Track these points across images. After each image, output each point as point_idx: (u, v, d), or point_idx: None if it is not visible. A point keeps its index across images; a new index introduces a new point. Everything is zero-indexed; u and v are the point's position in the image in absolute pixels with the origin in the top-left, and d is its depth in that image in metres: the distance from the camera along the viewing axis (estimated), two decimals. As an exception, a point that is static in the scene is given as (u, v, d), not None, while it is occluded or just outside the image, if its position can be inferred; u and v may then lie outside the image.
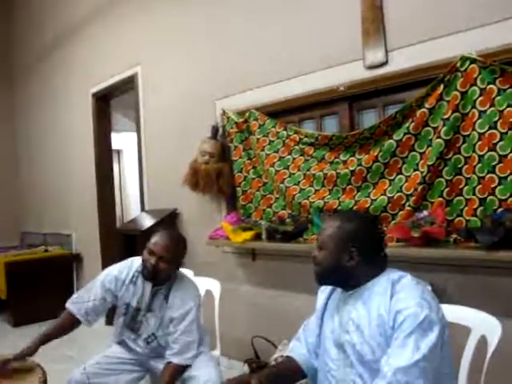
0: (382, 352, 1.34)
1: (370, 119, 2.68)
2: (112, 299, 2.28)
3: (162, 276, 2.16)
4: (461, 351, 1.65)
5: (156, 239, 2.16)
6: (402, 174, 2.43)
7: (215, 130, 3.37)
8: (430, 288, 2.20)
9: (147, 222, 3.90)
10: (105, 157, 5.03)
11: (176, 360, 2.11)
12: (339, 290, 1.57)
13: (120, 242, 4.02)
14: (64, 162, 5.65)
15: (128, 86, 4.47)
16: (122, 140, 6.67)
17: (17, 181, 6.74)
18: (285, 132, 2.96)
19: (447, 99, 2.23)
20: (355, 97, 2.69)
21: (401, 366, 1.26)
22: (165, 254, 2.11)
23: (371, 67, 2.53)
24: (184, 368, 2.12)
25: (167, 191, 3.96)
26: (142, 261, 2.17)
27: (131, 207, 6.94)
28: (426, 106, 2.30)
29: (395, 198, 2.42)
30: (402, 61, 2.40)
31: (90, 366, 2.25)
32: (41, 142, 6.14)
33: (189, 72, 3.76)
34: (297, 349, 1.69)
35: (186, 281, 2.30)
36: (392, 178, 2.47)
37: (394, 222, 2.43)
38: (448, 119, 2.21)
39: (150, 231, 3.74)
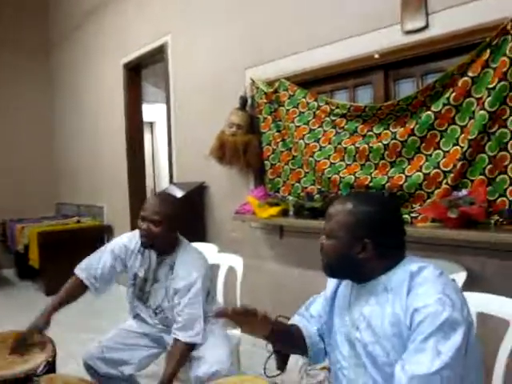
0: (397, 355, 1.18)
1: (406, 89, 2.48)
2: (122, 268, 2.23)
3: (159, 242, 2.07)
4: (497, 347, 1.50)
5: (145, 204, 2.09)
6: (439, 148, 2.24)
7: (244, 100, 3.23)
8: (464, 275, 2.05)
9: (173, 195, 3.82)
10: (136, 128, 4.97)
11: (181, 336, 2.02)
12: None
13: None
14: (96, 134, 5.64)
15: (158, 56, 4.36)
16: (155, 112, 6.60)
17: (53, 151, 6.81)
18: (315, 103, 2.80)
19: (494, 66, 2.01)
20: (391, 65, 2.49)
21: (418, 374, 1.09)
22: (155, 216, 2.02)
23: (410, 32, 2.31)
24: (191, 347, 2.04)
25: (196, 164, 3.87)
26: (138, 230, 2.11)
27: (164, 180, 6.91)
28: (470, 74, 2.09)
29: (432, 174, 2.24)
30: (444, 24, 2.18)
31: (106, 339, 2.21)
32: (76, 112, 6.14)
33: (218, 41, 3.61)
34: (301, 322, 1.53)
35: (192, 251, 2.20)
36: (429, 153, 2.28)
37: (429, 200, 2.26)
38: (494, 88, 1.99)
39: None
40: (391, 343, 1.20)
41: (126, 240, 2.24)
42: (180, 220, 2.14)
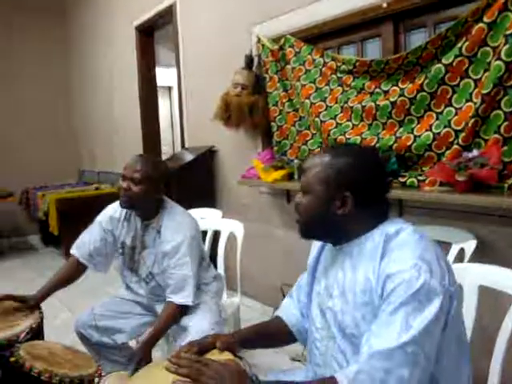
0: (367, 326, 1.04)
1: (418, 41, 2.25)
2: (113, 239, 2.15)
3: (139, 202, 1.96)
4: (500, 323, 1.35)
5: (127, 163, 1.99)
6: (451, 105, 2.04)
7: (249, 59, 3.06)
8: (473, 243, 1.88)
9: (183, 159, 3.73)
10: (150, 93, 4.86)
11: (174, 299, 1.94)
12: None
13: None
14: (112, 99, 5.56)
15: (168, 17, 4.19)
16: (172, 76, 6.45)
17: (73, 117, 6.78)
18: (321, 59, 2.61)
19: (512, 9, 1.79)
20: (401, 14, 2.28)
21: (380, 350, 0.96)
22: (135, 174, 1.92)
23: (420, -25, 2.09)
24: (183, 308, 1.96)
25: (206, 128, 3.73)
26: (118, 190, 2.01)
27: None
28: (485, 19, 1.86)
29: (442, 134, 2.05)
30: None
31: (99, 307, 2.16)
32: (92, 76, 6.07)
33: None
34: (287, 308, 1.42)
35: (178, 212, 2.08)
36: (439, 110, 2.09)
37: (439, 162, 2.07)
38: None
39: (185, 169, 3.60)
40: (361, 313, 1.07)
41: (112, 210, 2.16)
42: (162, 182, 2.03)
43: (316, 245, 1.36)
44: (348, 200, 1.12)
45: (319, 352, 1.22)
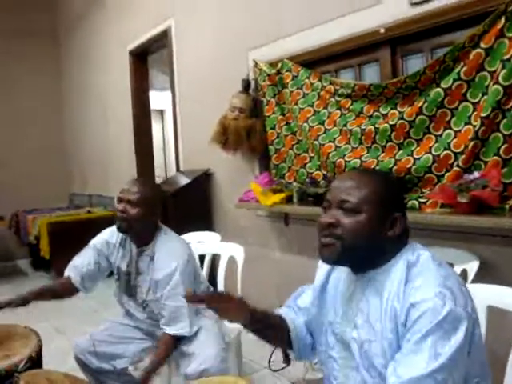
0: (393, 355, 1.03)
1: (415, 65, 2.30)
2: (107, 264, 2.14)
3: (136, 225, 1.95)
4: (509, 343, 1.35)
5: (123, 187, 1.99)
6: (450, 128, 2.07)
7: (246, 83, 3.09)
8: (476, 264, 1.89)
9: (179, 183, 3.73)
10: (143, 116, 4.87)
11: (169, 331, 1.91)
12: (344, 269, 1.23)
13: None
14: (106, 122, 5.57)
15: (162, 41, 4.23)
16: (165, 99, 6.50)
17: (64, 141, 6.76)
18: (319, 83, 2.65)
19: (509, 35, 1.83)
20: (398, 39, 2.32)
21: (410, 378, 0.95)
22: (132, 197, 1.92)
23: (416, 3, 2.14)
24: (179, 338, 1.93)
25: (202, 151, 3.74)
26: (115, 213, 2.02)
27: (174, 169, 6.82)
28: (482, 45, 1.91)
29: (442, 156, 2.07)
30: (454, -8, 2.01)
31: (98, 333, 2.12)
32: (85, 100, 6.08)
33: (221, 23, 3.47)
34: (288, 314, 1.38)
35: (172, 239, 2.07)
36: (439, 133, 2.11)
37: (439, 184, 2.09)
38: (509, 60, 1.81)
39: (181, 193, 3.59)
40: (388, 341, 1.06)
41: (107, 235, 2.14)
42: (158, 205, 2.03)
43: (323, 268, 1.33)
44: (398, 221, 1.11)
45: (337, 382, 1.20)
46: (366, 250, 1.12)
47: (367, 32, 2.36)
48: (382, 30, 2.29)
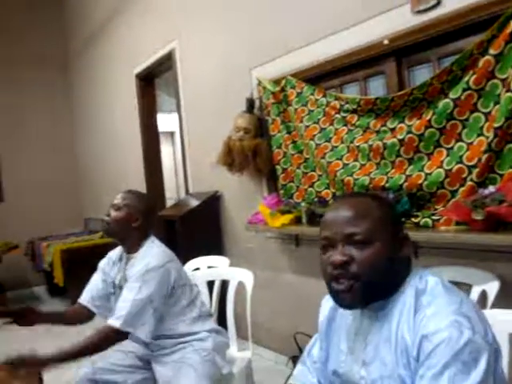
0: None
1: (423, 77, 2.20)
2: (111, 281, 2.11)
3: (116, 228, 2.00)
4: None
5: None
6: (462, 140, 1.96)
7: (250, 102, 3.02)
8: (496, 285, 1.76)
9: (188, 205, 3.65)
10: (151, 139, 4.83)
11: (109, 320, 1.85)
12: None
13: (162, 227, 3.81)
14: (116, 146, 5.55)
15: (168, 63, 4.21)
16: (174, 121, 6.47)
17: (77, 166, 6.78)
18: (324, 99, 2.56)
19: (519, 40, 1.73)
20: (403, 50, 2.22)
21: None
22: (115, 201, 2.03)
23: (420, 11, 2.04)
24: (113, 332, 1.81)
25: (209, 172, 3.68)
26: None
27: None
28: (492, 51, 1.80)
29: (454, 170, 1.96)
30: (459, -1, 1.91)
31: (101, 360, 2.04)
32: (95, 124, 6.09)
33: (223, 43, 3.42)
34: (304, 377, 1.25)
35: (156, 245, 2.05)
36: (450, 146, 2.00)
37: (453, 200, 1.97)
38: (520, 66, 1.71)
39: (190, 215, 3.52)
40: (401, 378, 0.94)
41: (112, 252, 2.18)
42: (145, 213, 2.04)
43: (326, 304, 1.23)
44: (406, 240, 1.04)
45: None
46: (384, 283, 1.01)
47: (371, 44, 2.27)
48: (386, 42, 2.20)
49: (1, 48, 6.19)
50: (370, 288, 0.99)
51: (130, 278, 1.92)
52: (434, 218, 2.00)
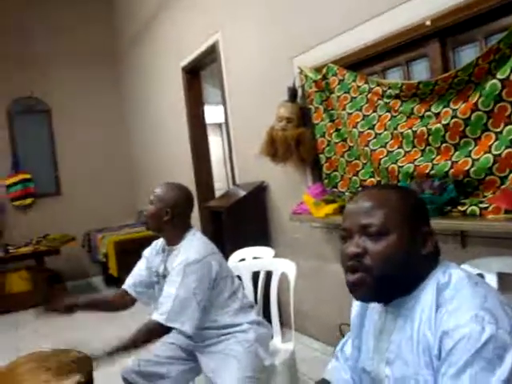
0: None
1: (469, 57, 2.08)
2: (154, 270, 2.16)
3: (151, 222, 2.03)
4: None
5: None
6: (511, 123, 1.86)
7: (292, 91, 2.98)
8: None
9: (235, 196, 3.68)
10: (199, 131, 4.89)
11: (154, 315, 1.88)
12: None
13: (209, 219, 3.86)
14: (166, 140, 5.67)
15: (212, 55, 4.23)
16: (221, 113, 6.52)
17: (131, 159, 7.00)
18: (366, 85, 2.49)
19: None
20: (447, 31, 2.12)
21: None
22: (151, 196, 2.07)
23: (463, -12, 1.95)
24: (160, 326, 1.85)
25: (255, 163, 3.68)
26: None
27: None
28: (542, 27, 1.70)
29: (504, 155, 1.86)
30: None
31: (145, 352, 2.09)
32: (145, 118, 6.24)
33: (264, 33, 3.40)
34: (337, 373, 1.24)
35: (197, 237, 2.07)
36: (499, 129, 1.90)
37: (503, 187, 1.88)
38: None
39: (237, 206, 3.54)
40: (424, 378, 0.91)
41: (155, 242, 2.22)
42: (180, 205, 2.06)
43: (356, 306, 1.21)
44: (428, 236, 0.99)
45: None
46: (400, 277, 0.98)
47: (412, 26, 2.18)
48: (428, 23, 2.11)
49: (57, 45, 6.50)
50: (383, 282, 0.97)
51: (171, 271, 1.96)
52: (481, 205, 1.90)
